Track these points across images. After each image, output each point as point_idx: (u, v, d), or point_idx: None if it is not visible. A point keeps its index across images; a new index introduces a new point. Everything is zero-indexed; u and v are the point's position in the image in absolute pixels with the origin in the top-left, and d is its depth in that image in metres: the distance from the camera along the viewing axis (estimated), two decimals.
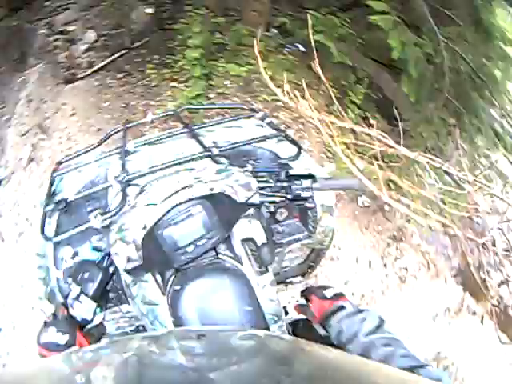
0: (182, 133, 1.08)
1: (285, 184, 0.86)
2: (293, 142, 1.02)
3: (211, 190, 0.79)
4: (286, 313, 1.02)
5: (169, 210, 0.78)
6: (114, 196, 0.90)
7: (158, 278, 0.82)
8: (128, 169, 0.93)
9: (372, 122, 3.42)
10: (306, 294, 0.93)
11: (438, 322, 2.65)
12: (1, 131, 3.74)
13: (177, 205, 0.78)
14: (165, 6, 3.47)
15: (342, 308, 0.80)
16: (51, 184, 1.02)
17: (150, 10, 3.32)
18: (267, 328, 0.80)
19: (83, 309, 0.77)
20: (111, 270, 0.83)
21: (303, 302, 0.95)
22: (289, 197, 0.86)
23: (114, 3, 3.25)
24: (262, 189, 0.86)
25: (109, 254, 0.81)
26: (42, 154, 3.35)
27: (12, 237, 3.07)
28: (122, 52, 3.20)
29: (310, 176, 0.86)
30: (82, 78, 3.21)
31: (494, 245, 2.28)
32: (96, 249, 0.85)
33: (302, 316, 0.99)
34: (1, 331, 2.56)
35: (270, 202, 0.91)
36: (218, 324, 0.76)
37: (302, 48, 3.32)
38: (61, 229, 0.93)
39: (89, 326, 0.82)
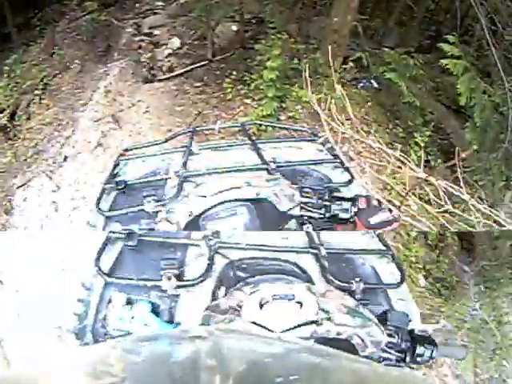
0: (245, 144, 1.14)
1: (326, 203, 0.90)
2: (347, 169, 1.05)
3: (257, 194, 0.85)
4: None
5: (216, 205, 0.84)
6: (171, 188, 0.95)
7: None
8: (188, 167, 0.99)
9: (433, 164, 3.40)
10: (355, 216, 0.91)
11: None
12: (75, 113, 4.03)
13: (224, 202, 0.84)
14: (249, 26, 3.63)
15: None
16: (115, 166, 1.12)
17: (234, 28, 3.49)
18: None
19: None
20: None
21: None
22: (327, 215, 0.90)
23: (201, 15, 3.45)
24: (304, 203, 0.90)
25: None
26: (110, 142, 3.56)
27: (66, 210, 3.26)
28: (203, 62, 3.36)
29: (351, 199, 0.89)
30: (160, 80, 3.40)
31: None
32: (153, 306, 0.84)
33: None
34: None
35: (309, 217, 0.93)
36: None
37: (375, 84, 3.33)
38: (115, 206, 1.00)
39: None
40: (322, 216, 0.92)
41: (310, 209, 0.92)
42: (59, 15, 5.39)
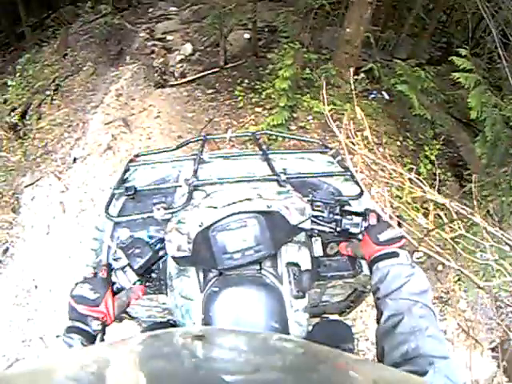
0: (256, 154, 1.14)
1: (337, 217, 0.90)
2: (358, 183, 1.04)
3: (268, 207, 0.84)
4: None
5: (226, 216, 0.83)
6: (180, 196, 0.95)
7: (201, 275, 0.87)
8: (199, 175, 0.99)
9: (442, 178, 3.39)
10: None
11: None
12: (86, 115, 4.07)
13: (235, 213, 0.83)
14: (262, 34, 3.64)
15: (393, 255, 0.75)
16: (125, 171, 1.11)
17: (247, 36, 3.50)
18: None
19: (125, 279, 0.82)
20: (161, 253, 0.88)
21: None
22: (338, 229, 0.90)
23: (214, 23, 3.48)
24: (315, 217, 0.90)
25: (162, 240, 0.86)
26: (120, 146, 3.58)
27: (73, 211, 3.28)
28: (215, 70, 3.37)
29: (362, 214, 0.89)
30: (172, 86, 3.41)
31: None
32: (151, 237, 0.91)
33: None
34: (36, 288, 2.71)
35: (320, 231, 0.94)
36: None
37: (386, 96, 3.33)
38: (124, 212, 1.01)
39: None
40: (333, 230, 0.91)
41: (320, 222, 0.92)
42: (73, 17, 5.47)
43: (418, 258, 3.11)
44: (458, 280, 2.90)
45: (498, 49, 3.15)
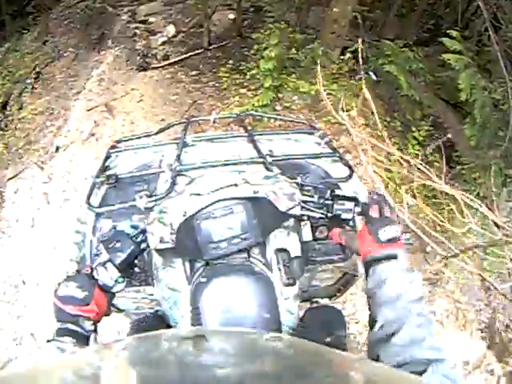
0: (241, 136, 1.10)
1: (328, 202, 0.86)
2: (346, 164, 1.01)
3: (255, 192, 0.80)
4: None
5: (211, 204, 0.79)
6: (163, 182, 0.91)
7: (187, 266, 0.84)
8: (182, 160, 0.95)
9: (430, 159, 3.38)
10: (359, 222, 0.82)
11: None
12: (68, 102, 3.96)
13: (220, 200, 0.79)
14: (246, 14, 3.55)
15: (393, 257, 0.68)
16: (106, 159, 1.06)
17: (231, 16, 3.41)
18: None
19: (107, 275, 0.78)
20: (143, 246, 0.84)
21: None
22: (329, 215, 0.86)
23: (197, 3, 3.37)
24: (304, 202, 0.86)
25: (144, 232, 0.83)
26: (103, 132, 3.50)
27: (57, 202, 3.21)
28: (199, 51, 3.29)
29: (354, 199, 0.85)
30: (155, 68, 3.32)
31: None
32: (134, 227, 0.87)
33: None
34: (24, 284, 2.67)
35: (310, 217, 0.90)
36: (232, 324, 0.75)
37: (373, 76, 3.28)
38: (106, 202, 0.96)
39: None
40: (324, 216, 0.87)
41: (310, 208, 0.87)
42: (53, 2, 5.28)
43: (406, 239, 3.12)
44: (446, 261, 2.92)
45: (490, 32, 3.12)
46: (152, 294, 0.98)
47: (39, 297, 2.60)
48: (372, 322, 0.67)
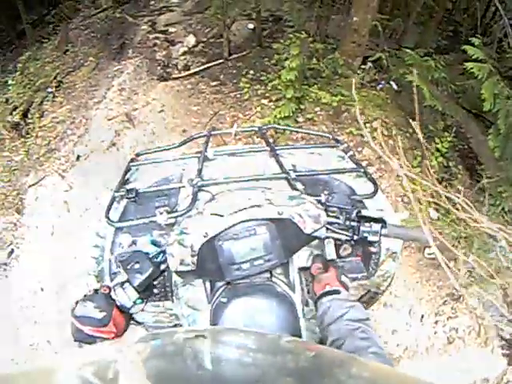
0: (263, 150, 1.08)
1: (354, 224, 0.83)
2: (371, 179, 0.98)
3: (280, 213, 0.78)
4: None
5: (234, 225, 0.77)
6: (184, 197, 0.90)
7: (208, 285, 0.82)
8: (204, 175, 0.93)
9: (454, 171, 3.30)
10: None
11: None
12: (88, 111, 4.01)
13: (243, 221, 0.77)
14: (266, 24, 3.55)
15: (336, 292, 0.80)
16: (126, 172, 1.05)
17: (251, 26, 3.42)
18: None
19: (125, 296, 0.76)
20: (162, 267, 0.82)
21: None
22: (355, 238, 0.83)
23: (217, 13, 3.39)
24: (330, 224, 0.83)
25: (164, 252, 0.80)
26: (124, 142, 3.53)
27: (78, 210, 3.24)
28: (219, 61, 3.30)
29: (381, 221, 0.82)
30: (176, 79, 3.34)
31: None
32: (154, 243, 0.84)
33: None
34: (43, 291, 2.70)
35: (335, 239, 0.87)
36: None
37: (394, 86, 3.24)
38: (125, 216, 0.95)
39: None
40: (350, 238, 0.84)
41: (336, 230, 0.84)
42: (73, 12, 5.39)
43: (429, 254, 3.06)
44: (470, 276, 2.85)
45: (509, 37, 3.04)
46: (171, 309, 0.97)
47: (57, 304, 2.62)
48: (325, 340, 0.74)
